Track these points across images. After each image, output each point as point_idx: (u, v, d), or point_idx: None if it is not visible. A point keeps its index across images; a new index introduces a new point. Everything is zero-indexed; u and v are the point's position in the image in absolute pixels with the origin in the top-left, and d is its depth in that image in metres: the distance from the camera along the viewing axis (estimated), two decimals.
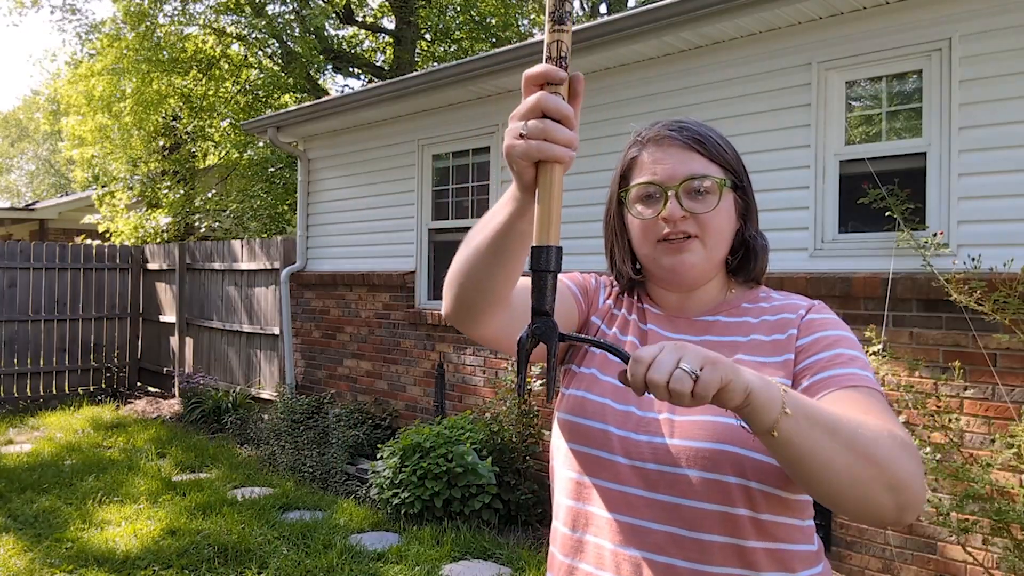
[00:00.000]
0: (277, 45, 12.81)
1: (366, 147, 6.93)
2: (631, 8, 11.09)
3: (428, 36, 14.66)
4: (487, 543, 4.39)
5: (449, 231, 6.24)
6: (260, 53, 13.25)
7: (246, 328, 8.14)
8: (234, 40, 13.07)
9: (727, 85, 4.41)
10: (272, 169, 11.81)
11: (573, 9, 0.93)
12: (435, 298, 6.29)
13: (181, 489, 5.44)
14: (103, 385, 9.54)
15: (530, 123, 0.90)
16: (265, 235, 10.86)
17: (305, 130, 7.34)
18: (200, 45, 12.91)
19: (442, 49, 14.79)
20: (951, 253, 3.55)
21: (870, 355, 3.36)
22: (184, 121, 12.33)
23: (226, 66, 13.18)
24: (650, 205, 1.19)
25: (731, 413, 0.92)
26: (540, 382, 4.69)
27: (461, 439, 4.88)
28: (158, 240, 11.38)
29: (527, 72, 0.92)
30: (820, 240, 4.05)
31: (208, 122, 12.32)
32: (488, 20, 14.54)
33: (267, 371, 7.91)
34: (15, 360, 8.89)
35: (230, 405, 7.60)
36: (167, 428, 7.52)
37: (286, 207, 11.61)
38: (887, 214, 3.71)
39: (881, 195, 3.71)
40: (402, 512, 4.75)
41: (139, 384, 9.96)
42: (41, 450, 6.61)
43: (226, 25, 12.93)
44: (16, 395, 8.84)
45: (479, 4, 14.27)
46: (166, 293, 9.56)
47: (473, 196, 6.08)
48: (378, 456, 5.22)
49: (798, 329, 1.17)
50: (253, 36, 12.47)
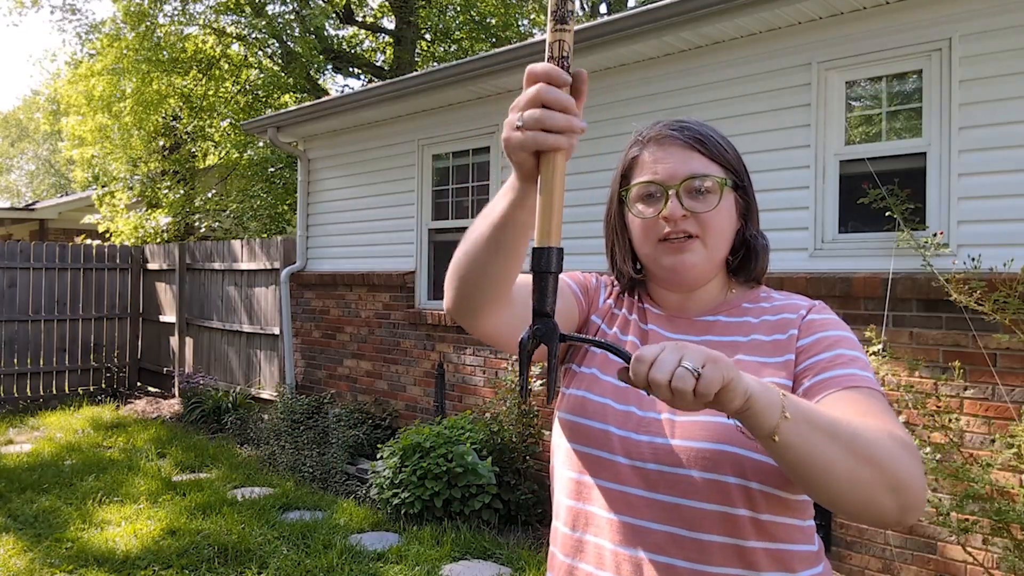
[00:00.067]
0: (277, 45, 12.81)
1: (366, 147, 6.93)
2: (631, 8, 11.08)
3: (428, 36, 14.65)
4: (487, 543, 4.39)
5: (449, 231, 6.24)
6: (260, 53, 13.25)
7: (246, 328, 8.14)
8: (234, 40, 13.07)
9: (727, 85, 4.41)
10: (272, 169, 11.80)
11: (575, 8, 0.92)
12: (435, 298, 6.29)
13: (181, 489, 5.44)
14: (103, 385, 9.54)
15: (526, 113, 0.89)
16: (265, 235, 10.85)
17: (305, 130, 7.34)
18: (200, 45, 12.90)
19: (442, 49, 14.78)
20: (951, 253, 3.55)
21: (870, 355, 3.36)
22: (184, 121, 12.33)
23: (226, 66, 13.18)
24: (651, 204, 1.19)
25: None
26: (540, 382, 4.69)
27: (461, 439, 4.88)
28: (158, 240, 11.37)
29: (530, 67, 0.90)
30: (820, 240, 4.05)
31: (208, 122, 12.32)
32: (488, 20, 14.54)
33: (267, 371, 7.91)
34: (15, 360, 8.89)
35: (230, 405, 7.60)
36: (167, 428, 7.51)
37: (286, 207, 11.61)
38: (887, 214, 3.71)
39: (881, 195, 3.71)
40: (402, 512, 4.75)
41: (139, 384, 9.96)
42: (41, 450, 6.61)
43: (226, 25, 12.93)
44: (16, 395, 8.84)
45: (479, 4, 14.26)
46: (166, 293, 9.56)
47: (473, 196, 6.08)
48: (378, 456, 5.22)
49: (799, 329, 1.17)
50: (253, 36, 12.47)
